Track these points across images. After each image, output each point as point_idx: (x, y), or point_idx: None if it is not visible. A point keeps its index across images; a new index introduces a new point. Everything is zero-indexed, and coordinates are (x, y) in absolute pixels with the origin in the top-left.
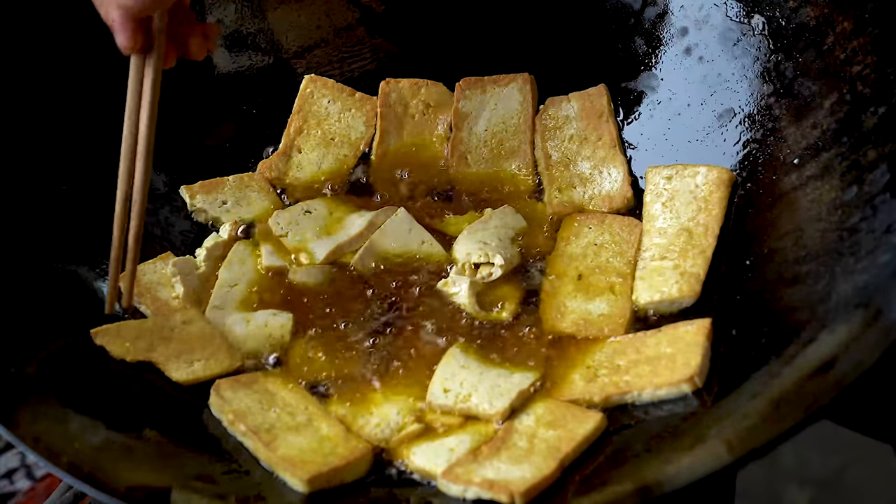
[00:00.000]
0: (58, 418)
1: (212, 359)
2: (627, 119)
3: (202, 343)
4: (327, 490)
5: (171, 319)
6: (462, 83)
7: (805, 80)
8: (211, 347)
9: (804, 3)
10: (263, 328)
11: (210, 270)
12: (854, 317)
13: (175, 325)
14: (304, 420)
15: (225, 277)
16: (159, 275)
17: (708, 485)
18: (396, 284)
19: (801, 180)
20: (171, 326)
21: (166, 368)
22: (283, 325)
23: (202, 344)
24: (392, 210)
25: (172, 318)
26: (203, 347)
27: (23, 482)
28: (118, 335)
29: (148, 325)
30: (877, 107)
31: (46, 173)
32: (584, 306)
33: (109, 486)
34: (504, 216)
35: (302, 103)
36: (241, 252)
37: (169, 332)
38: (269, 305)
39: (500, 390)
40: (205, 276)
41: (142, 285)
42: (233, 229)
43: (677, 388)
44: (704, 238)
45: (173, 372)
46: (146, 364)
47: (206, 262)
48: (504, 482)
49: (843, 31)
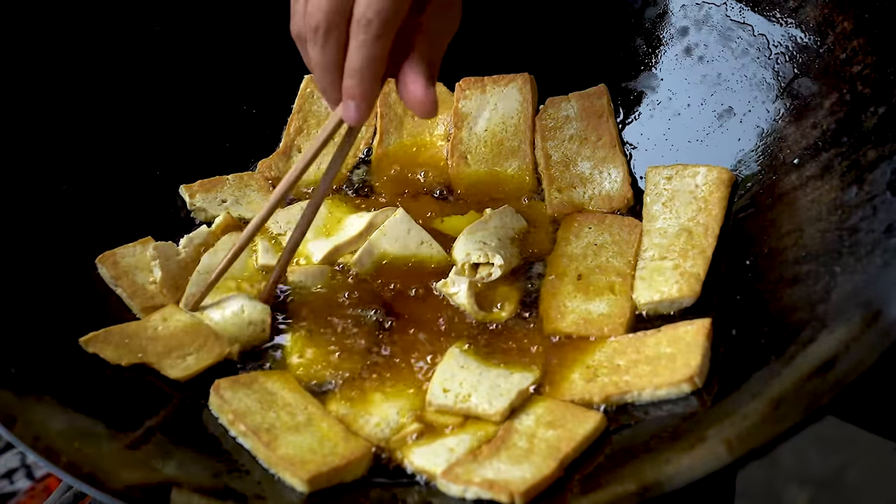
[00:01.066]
0: (58, 418)
1: (203, 349)
2: (627, 119)
3: (189, 336)
4: (327, 490)
5: (152, 319)
6: (462, 83)
7: (805, 80)
8: (199, 339)
9: (804, 3)
10: (241, 315)
11: (191, 257)
12: (854, 317)
13: (157, 324)
14: (304, 420)
15: (206, 263)
16: (138, 258)
17: (708, 485)
18: (395, 285)
19: (801, 180)
20: (153, 326)
21: (161, 367)
22: (263, 310)
23: (190, 337)
24: (391, 210)
25: (152, 318)
26: (192, 340)
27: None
28: (106, 341)
29: (132, 328)
30: (877, 107)
31: (46, 173)
32: (584, 306)
33: (109, 486)
34: (504, 216)
35: (302, 103)
36: (231, 243)
37: (154, 332)
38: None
39: (499, 390)
40: (184, 263)
41: (120, 268)
42: (224, 223)
43: (677, 388)
44: (704, 238)
45: (169, 370)
46: (143, 365)
47: (187, 248)
48: (504, 482)
49: (843, 31)
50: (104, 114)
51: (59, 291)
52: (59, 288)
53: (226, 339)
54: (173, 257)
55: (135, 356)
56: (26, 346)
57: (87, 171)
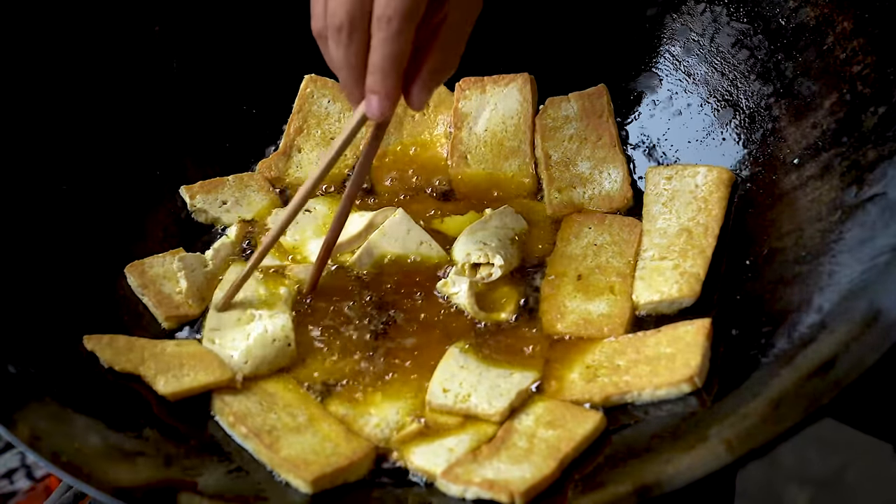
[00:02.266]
0: (58, 418)
1: (202, 372)
2: (627, 119)
3: (194, 359)
4: (329, 490)
5: (165, 342)
6: (462, 83)
7: (805, 80)
8: (202, 363)
9: (804, 3)
10: (265, 335)
11: (218, 268)
12: (854, 317)
13: (167, 346)
14: (305, 421)
15: (230, 278)
16: (166, 269)
17: (708, 485)
18: (395, 285)
19: (801, 180)
20: (164, 346)
21: (153, 381)
22: (284, 326)
23: (194, 360)
24: (391, 210)
25: (168, 342)
26: (194, 363)
27: (23, 482)
28: (110, 346)
29: (140, 342)
30: (877, 107)
31: (46, 173)
32: (584, 306)
33: (109, 486)
34: (504, 216)
35: (302, 103)
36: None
37: (161, 350)
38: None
39: (499, 390)
40: (210, 274)
41: (147, 277)
42: (240, 231)
43: (677, 388)
44: (704, 238)
45: (160, 385)
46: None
47: (214, 259)
48: (504, 482)
49: (843, 31)
50: (104, 114)
51: (59, 291)
52: (59, 288)
53: (229, 368)
54: (200, 268)
55: (131, 366)
56: (26, 346)
57: (87, 171)
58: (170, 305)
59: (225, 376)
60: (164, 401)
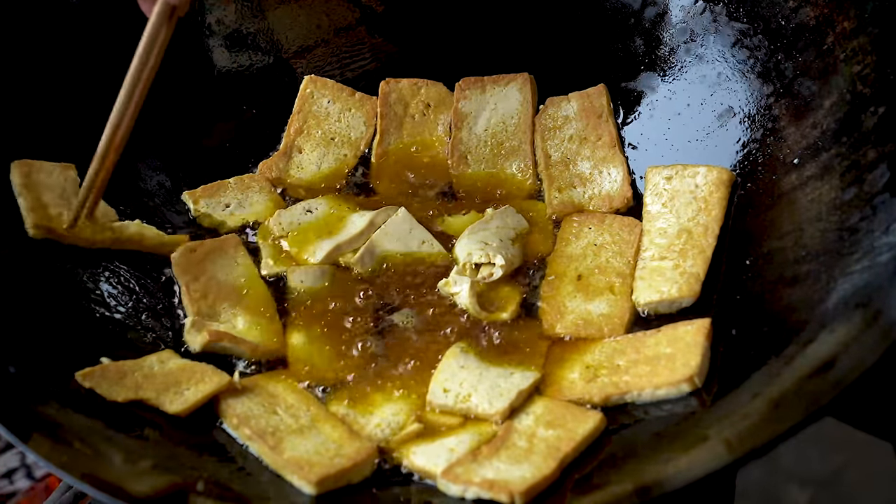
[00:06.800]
0: (58, 418)
1: (201, 383)
2: (627, 119)
3: (186, 374)
4: (332, 491)
5: (147, 360)
6: (462, 83)
7: (805, 80)
8: (196, 375)
9: (804, 3)
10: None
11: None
12: (854, 317)
13: (153, 364)
14: (308, 422)
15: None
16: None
17: (708, 485)
18: (396, 285)
19: (801, 180)
20: (149, 365)
21: (160, 403)
22: (269, 324)
23: (186, 374)
24: (392, 210)
25: (148, 359)
26: (188, 377)
27: (23, 482)
28: (103, 376)
29: (128, 365)
30: (877, 107)
31: None
32: (584, 306)
33: (109, 487)
34: (505, 216)
35: (302, 103)
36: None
37: (150, 370)
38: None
39: (499, 390)
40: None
41: (31, 179)
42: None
43: (677, 388)
44: (704, 238)
45: (168, 405)
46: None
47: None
48: (504, 482)
49: (843, 31)
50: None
51: (59, 291)
52: (58, 288)
53: (224, 373)
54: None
55: (132, 393)
56: (26, 346)
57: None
58: (42, 215)
59: (223, 381)
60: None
